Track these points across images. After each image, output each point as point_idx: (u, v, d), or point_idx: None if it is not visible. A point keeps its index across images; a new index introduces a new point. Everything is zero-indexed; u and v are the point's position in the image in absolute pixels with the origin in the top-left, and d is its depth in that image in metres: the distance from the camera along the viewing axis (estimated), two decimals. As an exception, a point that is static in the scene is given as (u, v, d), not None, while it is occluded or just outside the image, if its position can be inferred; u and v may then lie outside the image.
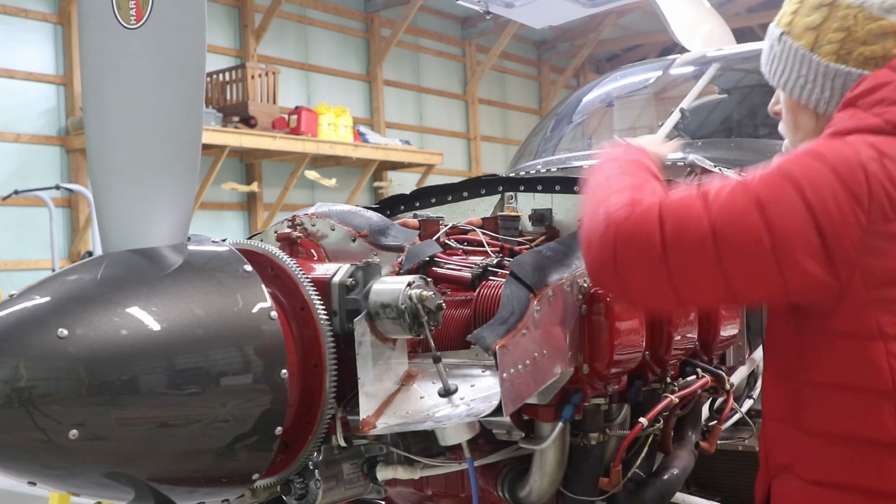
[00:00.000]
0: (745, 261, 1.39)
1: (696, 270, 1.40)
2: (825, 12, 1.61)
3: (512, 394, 1.52)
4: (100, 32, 1.51)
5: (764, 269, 1.38)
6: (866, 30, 1.57)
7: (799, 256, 1.37)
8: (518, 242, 2.14)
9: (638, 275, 1.42)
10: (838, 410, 1.45)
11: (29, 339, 1.34)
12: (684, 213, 1.40)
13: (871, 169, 1.40)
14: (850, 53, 1.58)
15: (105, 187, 1.54)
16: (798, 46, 1.63)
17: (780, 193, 1.39)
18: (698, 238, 1.39)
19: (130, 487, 1.44)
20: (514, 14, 4.64)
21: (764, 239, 1.37)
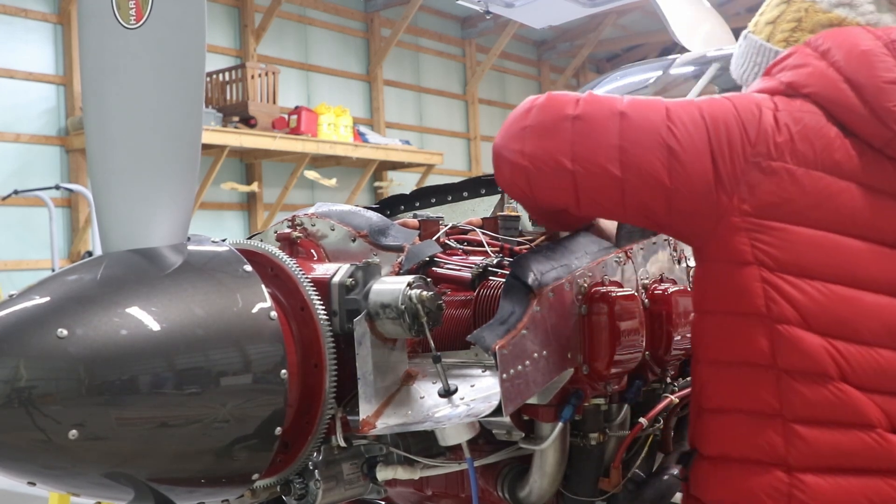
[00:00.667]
0: (641, 145, 1.53)
1: (596, 140, 1.54)
2: (783, 7, 1.80)
3: (512, 394, 1.52)
4: (100, 32, 1.51)
5: (656, 160, 1.52)
6: (814, 20, 1.74)
7: (689, 165, 1.52)
8: (518, 242, 2.14)
9: (541, 139, 1.58)
10: (720, 336, 1.57)
11: (29, 339, 1.34)
12: (599, 98, 1.59)
13: (765, 112, 1.56)
14: (798, 41, 1.75)
15: (105, 187, 1.54)
16: (757, 39, 1.83)
17: (687, 111, 1.56)
18: (606, 114, 1.55)
19: (130, 487, 1.44)
20: (514, 14, 4.65)
21: (662, 135, 1.53)
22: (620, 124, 1.54)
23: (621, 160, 1.53)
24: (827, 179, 1.53)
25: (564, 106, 1.58)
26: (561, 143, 1.56)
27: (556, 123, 1.57)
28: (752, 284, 1.51)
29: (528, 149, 1.59)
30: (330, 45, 12.67)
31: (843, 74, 1.58)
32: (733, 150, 1.53)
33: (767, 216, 1.51)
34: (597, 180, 1.55)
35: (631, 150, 1.53)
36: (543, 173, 1.58)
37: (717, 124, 1.54)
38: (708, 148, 1.53)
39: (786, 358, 1.50)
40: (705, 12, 5.09)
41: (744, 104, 1.57)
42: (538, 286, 1.62)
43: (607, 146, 1.54)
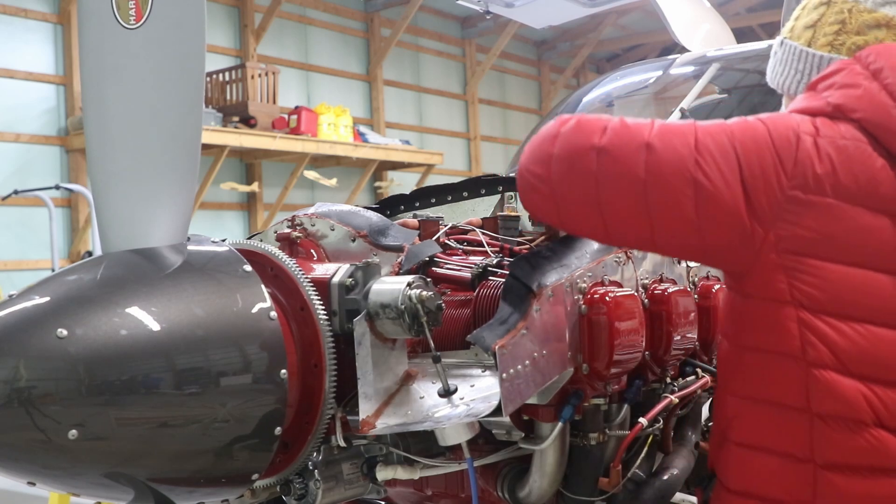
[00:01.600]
0: (668, 183, 1.45)
1: (622, 175, 1.47)
2: (823, 10, 1.68)
3: (512, 394, 1.51)
4: (99, 32, 1.51)
5: (683, 199, 1.45)
6: (860, 21, 1.64)
7: (718, 202, 1.44)
8: (518, 242, 2.14)
9: (567, 171, 1.50)
10: (756, 373, 1.52)
11: (29, 339, 1.34)
12: (627, 126, 1.49)
13: (803, 139, 1.47)
14: (843, 44, 1.65)
15: (105, 187, 1.54)
16: (796, 45, 1.71)
17: (716, 139, 1.47)
18: (633, 148, 1.46)
19: (130, 487, 1.44)
20: (514, 14, 4.65)
21: (689, 170, 1.44)
22: (647, 158, 1.46)
23: (647, 197, 1.46)
24: (869, 216, 1.46)
25: (591, 135, 1.49)
26: (586, 177, 1.49)
27: (582, 155, 1.48)
28: (789, 325, 1.45)
29: (554, 178, 1.52)
30: (330, 45, 12.67)
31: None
32: (768, 182, 1.44)
33: (806, 253, 1.44)
34: (624, 217, 1.49)
35: (657, 186, 1.45)
36: (570, 205, 1.54)
37: (749, 154, 1.45)
38: (739, 180, 1.44)
39: (820, 403, 1.44)
40: (705, 12, 5.09)
41: (780, 130, 1.48)
42: (538, 286, 1.62)
43: (633, 181, 1.46)
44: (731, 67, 3.67)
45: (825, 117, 1.52)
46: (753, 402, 1.52)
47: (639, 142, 1.46)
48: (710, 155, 1.45)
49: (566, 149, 1.51)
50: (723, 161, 1.45)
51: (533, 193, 1.57)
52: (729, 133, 1.47)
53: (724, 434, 1.60)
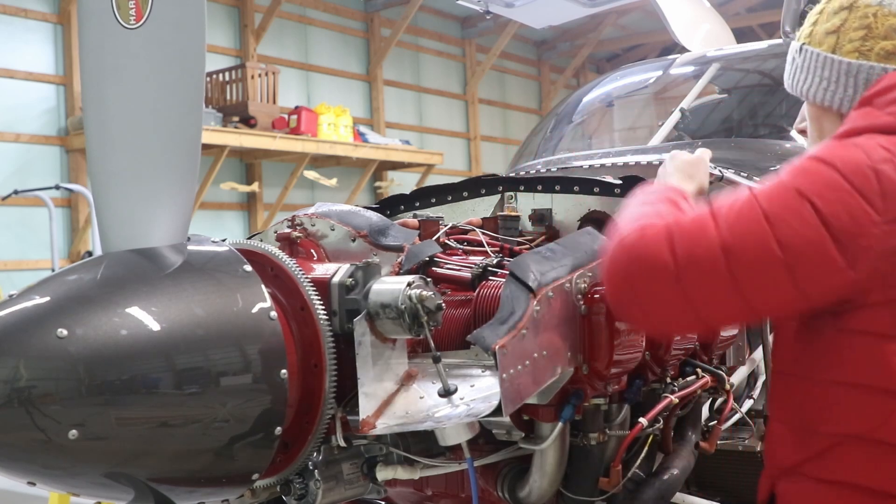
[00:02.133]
0: (759, 277, 1.37)
1: (711, 290, 1.38)
2: (844, 15, 1.64)
3: (512, 394, 1.51)
4: (99, 32, 1.51)
5: (780, 284, 1.37)
6: (886, 25, 1.60)
7: (814, 269, 1.36)
8: (518, 242, 2.14)
9: (655, 298, 1.41)
10: (852, 410, 1.44)
11: (29, 339, 1.34)
12: (694, 233, 1.39)
13: (883, 170, 1.39)
14: (871, 49, 1.61)
15: (105, 187, 1.54)
16: (819, 52, 1.66)
17: (788, 205, 1.38)
18: (710, 257, 1.37)
19: (130, 487, 1.44)
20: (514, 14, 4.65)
21: (776, 255, 1.36)
22: (728, 265, 1.36)
23: (744, 301, 1.39)
24: None
25: (657, 259, 1.39)
26: (678, 304, 1.41)
27: (663, 286, 1.39)
28: (893, 360, 1.40)
29: (650, 312, 1.45)
30: (330, 45, 12.67)
31: None
32: (861, 228, 1.36)
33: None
34: (726, 321, 1.48)
35: (750, 289, 1.38)
36: (671, 327, 1.65)
37: (830, 209, 1.36)
38: (829, 240, 1.36)
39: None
40: (705, 12, 5.09)
41: (852, 168, 1.39)
42: (538, 286, 1.62)
43: (725, 294, 1.38)
44: (731, 67, 3.67)
45: (894, 135, 1.45)
46: (848, 438, 1.46)
47: (711, 247, 1.38)
48: (790, 227, 1.37)
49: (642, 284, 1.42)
50: (806, 230, 1.36)
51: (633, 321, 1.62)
52: (796, 193, 1.39)
53: (799, 470, 1.52)
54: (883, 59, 1.60)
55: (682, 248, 1.38)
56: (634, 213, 1.52)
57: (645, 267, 1.40)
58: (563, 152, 3.66)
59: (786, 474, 1.55)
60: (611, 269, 1.46)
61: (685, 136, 3.36)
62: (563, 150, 3.71)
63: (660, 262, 1.38)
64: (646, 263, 1.40)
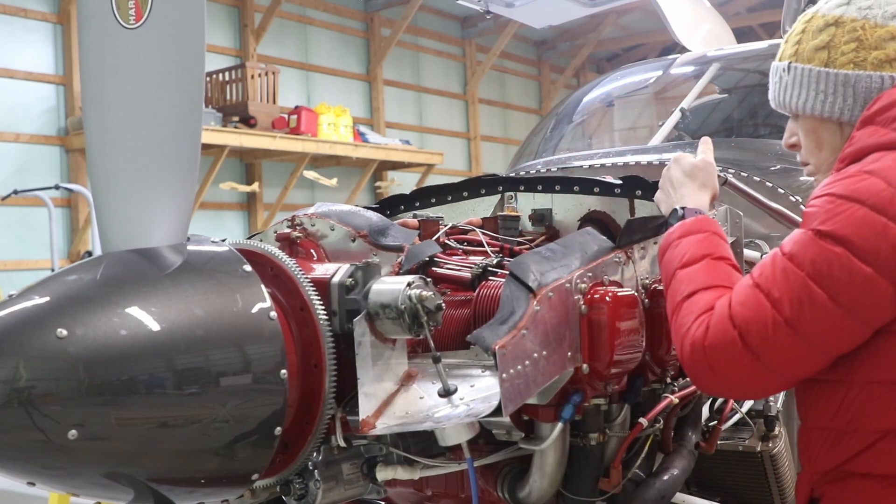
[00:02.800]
0: (832, 335, 1.47)
1: (791, 359, 1.50)
2: (832, 31, 1.69)
3: (512, 394, 1.51)
4: (99, 32, 1.51)
5: (851, 331, 1.47)
6: (876, 36, 1.66)
7: (872, 306, 1.45)
8: (518, 242, 2.14)
9: (739, 379, 1.53)
10: (890, 405, 1.50)
11: (28, 339, 1.34)
12: (758, 320, 1.48)
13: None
14: (866, 59, 1.66)
15: (105, 187, 1.54)
16: (811, 68, 1.71)
17: (832, 263, 1.45)
18: (781, 337, 1.47)
19: (130, 488, 1.44)
20: (514, 14, 4.65)
21: (836, 311, 1.45)
22: (797, 335, 1.47)
23: (824, 353, 1.50)
24: None
25: (733, 352, 1.50)
26: (764, 376, 1.52)
27: (746, 370, 1.51)
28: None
29: (741, 387, 1.58)
30: (330, 44, 12.67)
31: None
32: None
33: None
34: (810, 372, 1.54)
35: (825, 345, 1.48)
36: (765, 392, 1.79)
37: (869, 246, 1.44)
38: (877, 277, 1.43)
39: None
40: (705, 12, 5.10)
41: (884, 198, 1.45)
42: (538, 286, 1.62)
43: (804, 356, 1.49)
44: (732, 67, 3.67)
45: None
46: (889, 432, 1.51)
47: (778, 325, 1.47)
48: (839, 283, 1.44)
49: (727, 374, 1.53)
50: (855, 279, 1.44)
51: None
52: (833, 243, 1.46)
53: (843, 468, 1.57)
54: (877, 67, 1.65)
55: (752, 337, 1.49)
56: (685, 282, 1.64)
57: (723, 360, 1.51)
58: (564, 152, 3.66)
59: (829, 476, 1.59)
60: (688, 358, 1.56)
61: (685, 136, 3.36)
62: (564, 150, 3.71)
63: (735, 353, 1.50)
64: (722, 357, 1.51)
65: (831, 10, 1.72)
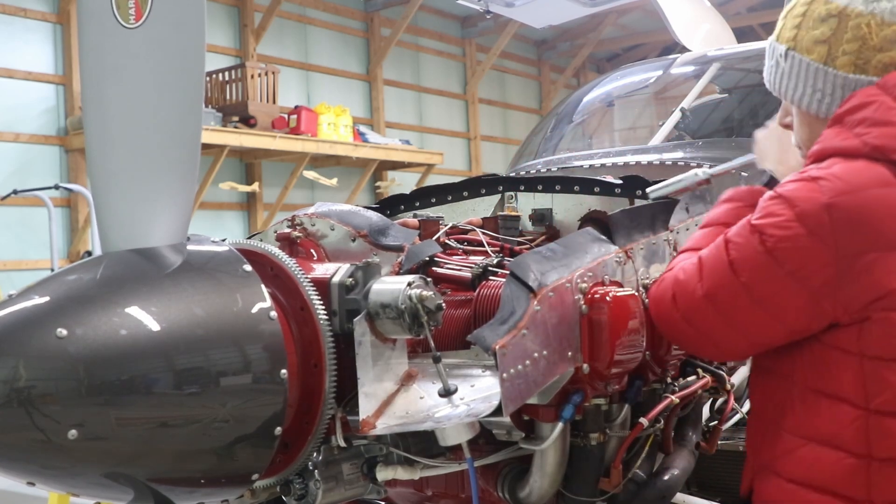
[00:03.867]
0: (744, 320, 1.56)
1: (711, 329, 1.62)
2: (834, 24, 1.59)
3: (512, 394, 1.51)
4: (99, 32, 1.50)
5: (762, 322, 1.54)
6: (881, 36, 1.56)
7: (781, 308, 1.51)
8: (518, 242, 2.14)
9: (676, 334, 1.72)
10: (821, 415, 1.50)
11: (28, 338, 1.34)
12: (686, 288, 1.63)
13: (837, 206, 1.45)
14: (869, 62, 1.57)
15: (104, 187, 1.54)
16: (809, 61, 1.62)
17: (748, 252, 1.53)
18: (701, 307, 1.60)
19: (130, 487, 1.44)
20: (514, 13, 4.65)
21: (747, 301, 1.53)
22: (715, 311, 1.59)
23: (744, 336, 1.60)
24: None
25: (665, 312, 1.71)
26: (695, 338, 1.69)
27: (674, 327, 1.70)
28: (852, 373, 1.48)
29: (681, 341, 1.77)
30: (330, 44, 12.66)
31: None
32: (821, 267, 1.45)
33: (873, 309, 1.44)
34: (739, 353, 1.73)
35: (742, 327, 1.58)
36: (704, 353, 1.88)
37: (787, 253, 1.48)
38: (793, 282, 1.47)
39: (881, 449, 1.47)
40: (705, 12, 5.10)
41: (809, 212, 1.46)
42: (538, 286, 1.62)
43: (724, 332, 1.61)
44: (732, 67, 3.66)
45: (861, 159, 1.49)
46: (815, 441, 1.51)
47: (697, 295, 1.61)
48: (759, 281, 1.52)
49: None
50: (773, 281, 1.50)
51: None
52: (758, 243, 1.51)
53: (768, 466, 1.59)
54: (881, 72, 1.57)
55: (681, 303, 1.65)
56: (688, 243, 1.80)
57: (660, 319, 1.72)
58: (564, 152, 3.66)
59: (761, 470, 1.61)
60: (654, 318, 1.76)
61: (685, 136, 3.36)
62: (564, 150, 3.71)
63: (670, 315, 1.68)
64: (660, 316, 1.72)
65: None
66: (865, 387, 1.46)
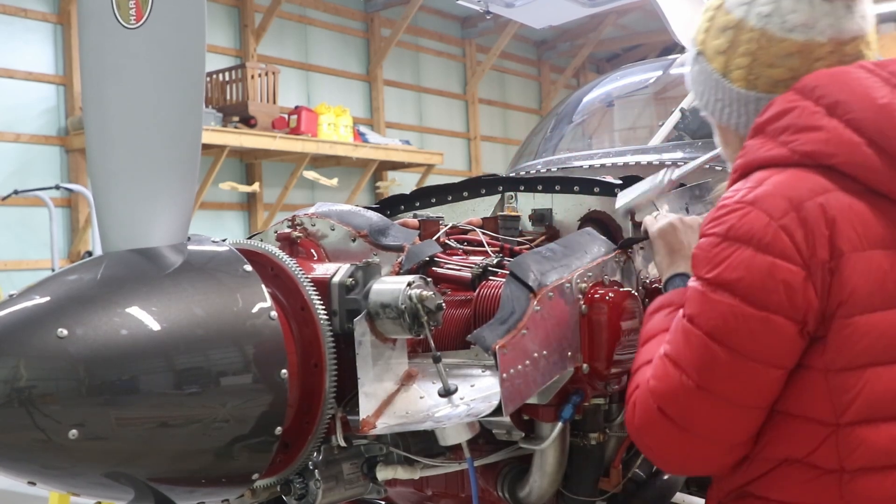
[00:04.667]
0: (748, 388, 1.40)
1: (717, 422, 1.43)
2: (731, 35, 1.58)
3: (512, 394, 1.52)
4: (100, 32, 1.51)
5: (766, 378, 1.40)
6: (771, 52, 1.54)
7: (783, 351, 1.39)
8: (518, 242, 2.14)
9: (677, 453, 1.48)
10: (791, 437, 1.45)
11: (29, 338, 1.34)
12: (671, 391, 1.43)
13: (788, 226, 1.38)
14: (759, 78, 1.55)
15: (105, 187, 1.54)
16: (712, 70, 1.61)
17: (726, 315, 1.38)
18: (697, 403, 1.41)
19: (130, 487, 1.44)
20: (514, 14, 4.64)
21: (744, 365, 1.38)
22: (714, 397, 1.42)
23: (746, 408, 1.44)
24: (878, 255, 1.40)
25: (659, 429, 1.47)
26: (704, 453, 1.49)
27: (680, 449, 1.48)
28: (820, 389, 1.41)
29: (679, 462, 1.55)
30: (330, 45, 12.66)
31: (866, 136, 1.40)
32: (800, 289, 1.37)
33: (837, 317, 1.39)
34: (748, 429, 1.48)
35: (741, 398, 1.42)
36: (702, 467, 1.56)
37: (763, 291, 1.37)
38: (778, 318, 1.37)
39: (853, 461, 1.41)
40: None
41: (764, 239, 1.37)
42: (538, 286, 1.62)
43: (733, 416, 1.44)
44: (732, 67, 3.66)
45: (792, 167, 1.44)
46: (782, 462, 1.47)
47: (689, 391, 1.42)
48: (736, 333, 1.39)
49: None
50: (742, 324, 1.38)
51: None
52: (730, 291, 1.39)
53: (746, 490, 1.53)
54: (769, 89, 1.54)
55: (671, 408, 1.43)
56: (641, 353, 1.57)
57: (656, 440, 1.47)
58: (564, 152, 3.66)
59: (732, 494, 1.54)
60: (641, 450, 1.55)
61: (685, 136, 3.36)
62: (563, 150, 3.71)
63: (663, 428, 1.45)
64: (654, 437, 1.47)
65: (734, 9, 1.59)
66: (832, 402, 1.40)
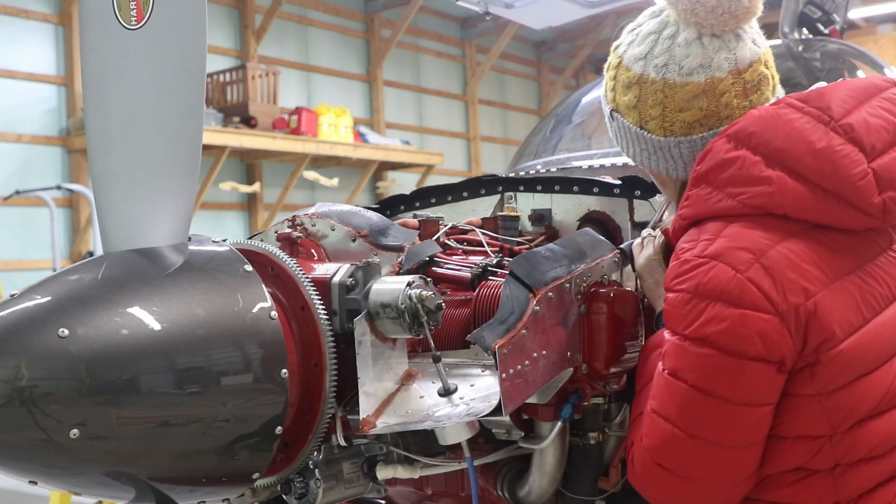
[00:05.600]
0: (740, 431, 1.45)
1: (715, 467, 1.48)
2: (637, 91, 1.65)
3: (511, 393, 1.52)
4: (100, 33, 1.51)
5: (755, 419, 1.45)
6: (678, 99, 1.61)
7: (767, 392, 1.44)
8: (518, 242, 2.15)
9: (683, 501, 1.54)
10: (785, 454, 1.49)
11: (30, 338, 1.34)
12: (664, 445, 1.49)
13: (754, 277, 1.42)
14: (673, 124, 1.62)
15: (106, 187, 1.54)
16: (629, 125, 1.68)
17: (707, 366, 1.43)
18: (692, 451, 1.47)
19: (131, 487, 1.45)
20: (513, 15, 4.63)
21: (732, 410, 1.43)
22: (706, 445, 1.47)
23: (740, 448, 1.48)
24: (844, 283, 1.46)
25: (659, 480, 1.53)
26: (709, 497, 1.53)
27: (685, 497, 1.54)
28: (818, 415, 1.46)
29: None
30: (330, 45, 12.67)
31: (811, 183, 1.45)
32: (777, 335, 1.41)
33: (821, 351, 1.44)
34: (749, 467, 1.51)
35: (734, 441, 1.46)
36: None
37: (738, 341, 1.41)
38: (757, 363, 1.42)
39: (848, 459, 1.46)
40: (705, 13, 5.08)
41: (736, 294, 1.41)
42: (538, 286, 1.63)
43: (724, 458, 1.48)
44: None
45: (744, 218, 1.47)
46: (780, 474, 1.51)
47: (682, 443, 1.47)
48: (720, 384, 1.43)
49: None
50: (726, 375, 1.43)
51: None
52: (710, 345, 1.43)
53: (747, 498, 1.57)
54: (687, 131, 1.61)
55: (668, 461, 1.50)
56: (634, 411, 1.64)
57: (660, 494, 1.55)
58: (563, 153, 3.66)
59: None
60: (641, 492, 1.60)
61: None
62: (563, 151, 3.71)
63: (664, 481, 1.52)
64: (657, 491, 1.55)
65: (632, 65, 1.67)
66: (829, 419, 1.45)
